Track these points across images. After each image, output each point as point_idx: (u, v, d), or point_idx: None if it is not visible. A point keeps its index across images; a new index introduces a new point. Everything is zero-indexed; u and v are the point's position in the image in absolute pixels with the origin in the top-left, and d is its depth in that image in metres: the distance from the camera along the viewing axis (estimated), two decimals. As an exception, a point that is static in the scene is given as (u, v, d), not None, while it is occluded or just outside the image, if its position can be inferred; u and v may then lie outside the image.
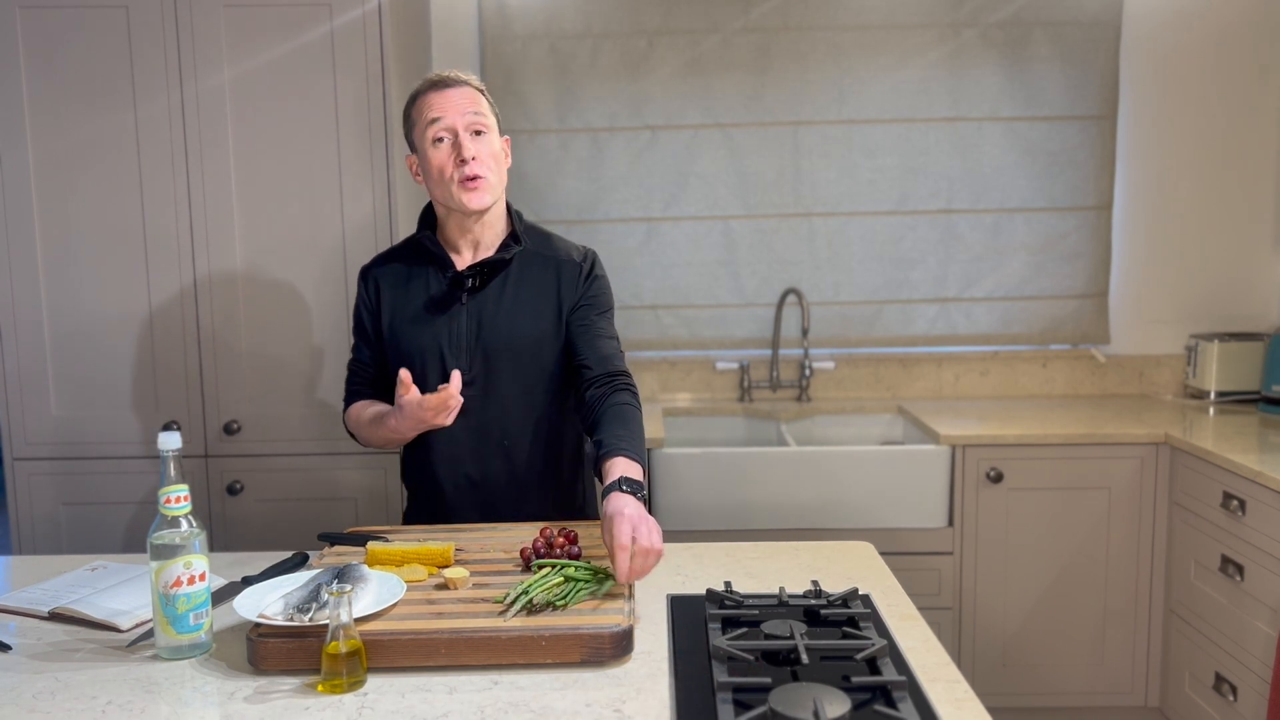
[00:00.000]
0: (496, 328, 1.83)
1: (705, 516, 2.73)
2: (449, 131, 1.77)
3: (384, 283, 1.89)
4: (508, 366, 1.84)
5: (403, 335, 1.86)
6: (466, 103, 1.78)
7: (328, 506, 2.58)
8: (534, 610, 1.37)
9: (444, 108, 1.77)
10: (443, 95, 1.77)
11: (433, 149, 1.78)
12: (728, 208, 3.20)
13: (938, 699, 1.22)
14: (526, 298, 1.85)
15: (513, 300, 1.85)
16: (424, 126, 1.78)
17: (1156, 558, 2.73)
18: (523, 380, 1.86)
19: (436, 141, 1.77)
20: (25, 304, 2.52)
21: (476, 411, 1.84)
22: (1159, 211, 3.22)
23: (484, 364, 1.84)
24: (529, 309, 1.85)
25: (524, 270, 1.87)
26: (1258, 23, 3.14)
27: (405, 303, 1.87)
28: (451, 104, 1.77)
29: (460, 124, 1.76)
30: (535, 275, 1.87)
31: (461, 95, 1.78)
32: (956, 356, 3.27)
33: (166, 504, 1.35)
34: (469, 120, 1.77)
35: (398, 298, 1.88)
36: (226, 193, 2.50)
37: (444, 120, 1.76)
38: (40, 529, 2.57)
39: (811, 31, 3.14)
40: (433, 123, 1.77)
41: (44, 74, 2.45)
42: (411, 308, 1.86)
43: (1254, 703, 2.35)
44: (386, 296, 1.88)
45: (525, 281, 1.86)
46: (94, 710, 1.23)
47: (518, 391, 1.86)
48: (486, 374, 1.84)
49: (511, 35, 3.13)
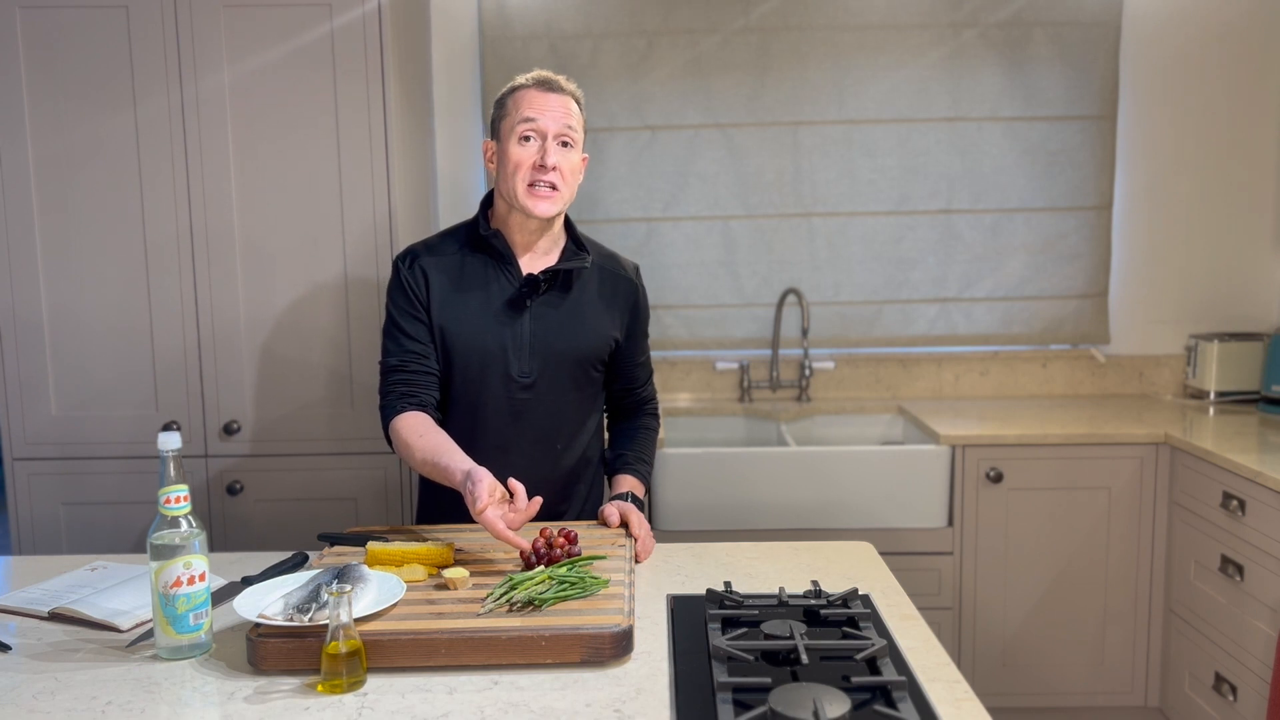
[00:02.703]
0: (561, 335, 1.83)
1: (705, 516, 2.73)
2: (539, 134, 1.76)
3: (433, 272, 1.82)
4: (566, 374, 1.85)
5: (459, 332, 1.80)
6: (563, 112, 1.77)
7: (328, 506, 2.58)
8: (515, 608, 1.38)
9: (543, 109, 1.76)
10: (544, 98, 1.77)
11: (518, 145, 1.76)
12: (728, 208, 3.20)
13: (938, 699, 1.22)
14: (590, 309, 1.86)
15: (577, 309, 1.85)
16: (516, 120, 1.76)
17: (1156, 558, 2.73)
18: (579, 388, 1.88)
19: (524, 139, 1.76)
20: (25, 304, 2.52)
21: (530, 415, 1.84)
22: (1159, 211, 3.22)
23: (543, 369, 1.83)
24: (591, 320, 1.86)
25: (587, 280, 1.87)
26: (1258, 23, 3.14)
27: (459, 297, 1.82)
28: (550, 109, 1.76)
29: (552, 130, 1.76)
30: (598, 288, 1.88)
31: (561, 103, 1.78)
32: (956, 356, 3.27)
33: (166, 504, 1.35)
34: (560, 129, 1.77)
35: (448, 291, 1.82)
36: (226, 193, 2.50)
37: (539, 121, 1.75)
38: (40, 529, 2.57)
39: (811, 31, 3.14)
40: (527, 120, 1.75)
41: (44, 74, 2.45)
42: (470, 304, 1.81)
43: (1254, 703, 2.35)
44: (437, 287, 1.81)
45: (588, 292, 1.87)
46: (94, 710, 1.23)
47: (574, 399, 1.88)
48: (545, 379, 1.84)
49: (511, 35, 3.13)
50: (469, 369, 1.81)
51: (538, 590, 1.41)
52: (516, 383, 1.82)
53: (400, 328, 1.81)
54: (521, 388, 1.82)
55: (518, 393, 1.82)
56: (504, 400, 1.82)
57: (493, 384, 1.81)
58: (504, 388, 1.82)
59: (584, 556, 1.54)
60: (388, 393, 1.81)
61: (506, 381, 1.82)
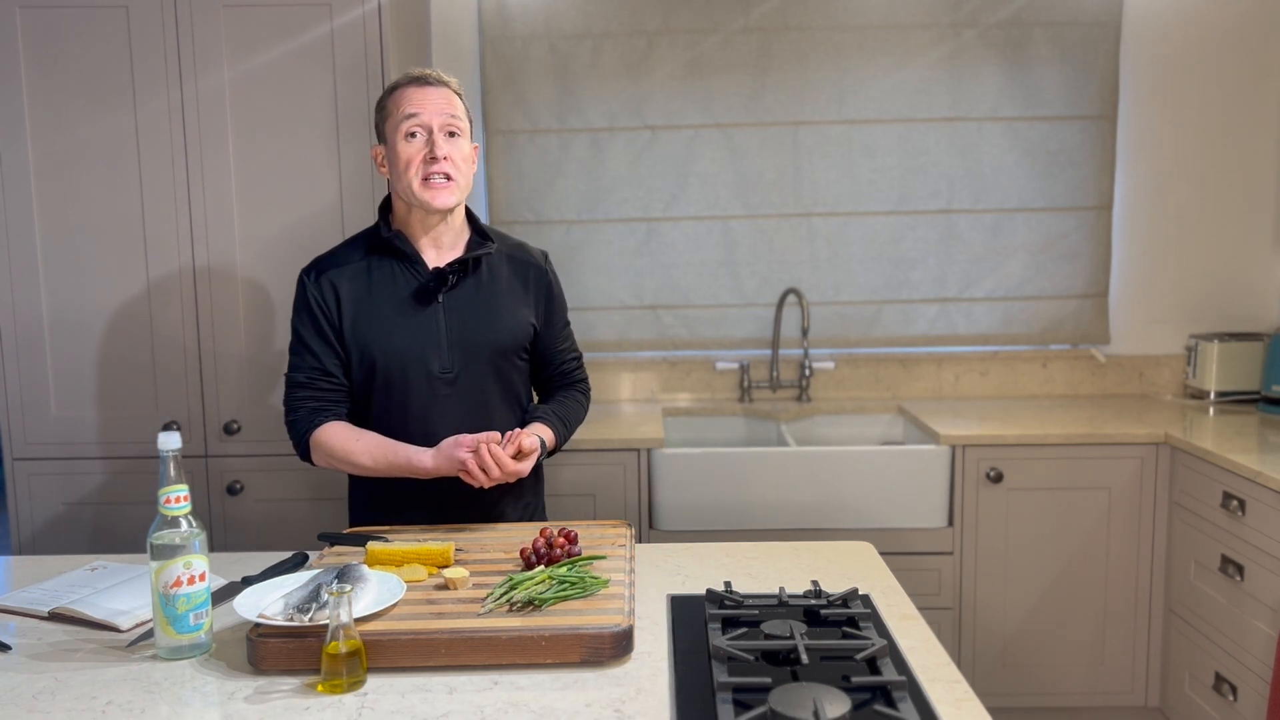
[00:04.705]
0: (477, 325, 1.84)
1: (705, 516, 2.73)
2: (424, 128, 1.78)
3: (341, 284, 1.83)
4: (488, 365, 1.86)
5: (373, 337, 1.81)
6: (444, 103, 1.79)
7: (328, 506, 2.58)
8: (515, 608, 1.38)
9: (422, 104, 1.78)
10: (423, 92, 1.79)
11: (404, 143, 1.78)
12: (728, 208, 3.20)
13: (938, 699, 1.22)
14: (503, 296, 1.87)
15: (490, 298, 1.86)
16: (399, 120, 1.78)
17: (1156, 558, 2.73)
18: (501, 379, 1.88)
19: (410, 136, 1.78)
20: (25, 304, 2.52)
21: (458, 409, 1.84)
22: (1159, 211, 3.22)
23: (465, 362, 1.84)
24: (506, 307, 1.87)
25: (496, 269, 1.89)
26: (1258, 23, 3.14)
27: (371, 304, 1.82)
28: (430, 102, 1.78)
29: (436, 123, 1.78)
30: (508, 274, 1.90)
31: (440, 95, 1.80)
32: (956, 356, 3.27)
33: (166, 504, 1.35)
34: (444, 121, 1.79)
35: (360, 299, 1.82)
36: (226, 192, 2.50)
37: (420, 116, 1.77)
38: (40, 529, 2.57)
39: (811, 31, 3.14)
40: (409, 117, 1.77)
41: (44, 74, 2.45)
42: (381, 309, 1.82)
43: (1254, 703, 2.35)
44: (348, 298, 1.82)
45: (499, 280, 1.88)
46: (94, 710, 1.23)
47: (498, 390, 1.88)
48: (467, 372, 1.84)
49: (511, 35, 3.13)
50: (390, 370, 1.82)
51: (538, 590, 1.41)
52: (439, 379, 1.83)
53: (306, 345, 1.83)
54: (444, 383, 1.83)
55: (441, 388, 1.83)
56: (428, 397, 1.83)
57: (415, 382, 1.82)
58: (427, 385, 1.82)
59: (584, 556, 1.55)
60: (296, 408, 1.84)
61: (429, 379, 1.82)
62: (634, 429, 2.81)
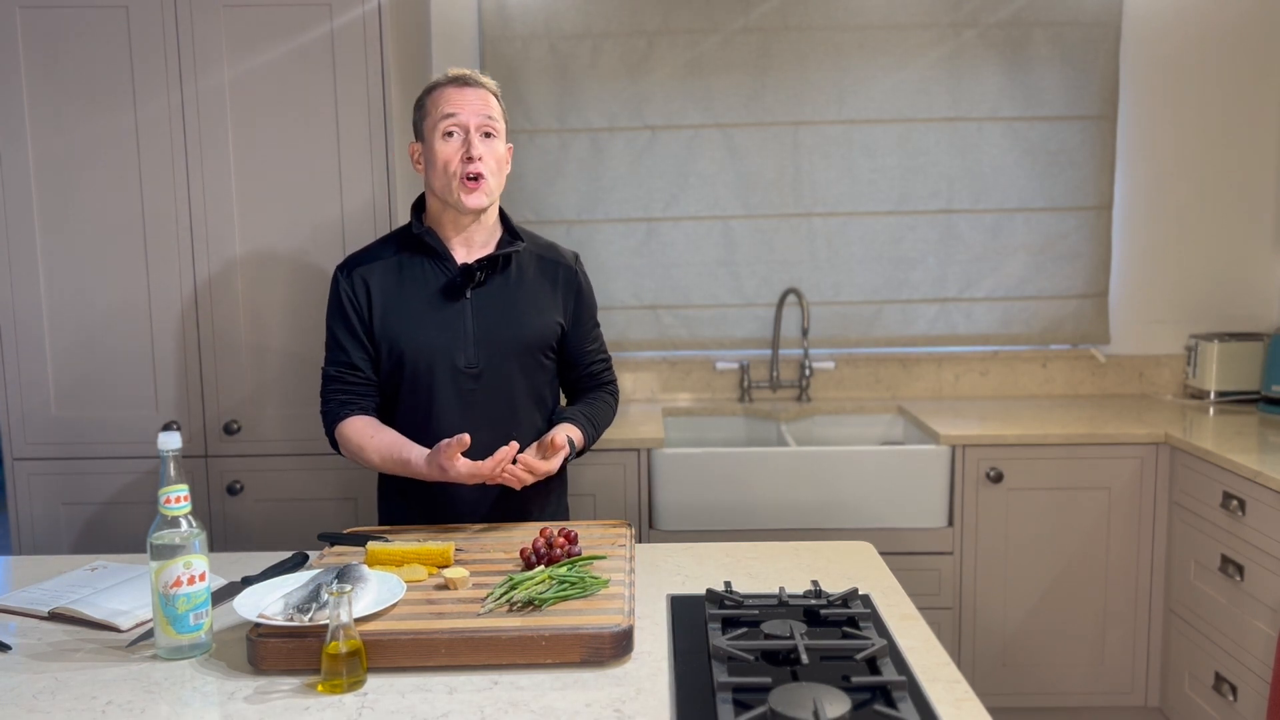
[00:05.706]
0: (505, 322, 1.86)
1: (705, 516, 2.73)
2: (461, 129, 1.80)
3: (373, 280, 1.87)
4: (514, 361, 1.87)
5: (402, 332, 1.84)
6: (482, 105, 1.82)
7: (328, 506, 2.58)
8: (515, 608, 1.38)
9: (461, 104, 1.80)
10: (461, 93, 1.81)
11: (442, 142, 1.80)
12: (728, 208, 3.20)
13: (938, 699, 1.22)
14: (531, 295, 1.89)
15: (518, 296, 1.88)
16: (437, 119, 1.81)
17: (1156, 558, 2.73)
18: (528, 376, 1.89)
19: (447, 135, 1.80)
20: (25, 304, 2.52)
21: (483, 405, 1.86)
22: (1159, 211, 3.22)
23: (490, 359, 1.85)
24: (534, 305, 1.89)
25: (525, 268, 1.90)
26: (1258, 23, 3.14)
27: (400, 299, 1.86)
28: (468, 103, 1.81)
29: (473, 124, 1.80)
30: (537, 274, 1.91)
31: (479, 96, 1.82)
32: (956, 356, 3.27)
33: (166, 504, 1.35)
34: (481, 122, 1.81)
35: (390, 294, 1.86)
36: (226, 192, 2.50)
37: (459, 117, 1.80)
38: (40, 529, 2.57)
39: (811, 32, 3.14)
40: (447, 117, 1.80)
41: (44, 74, 2.45)
42: (410, 304, 1.85)
43: (1254, 703, 2.35)
44: (378, 294, 1.86)
45: (527, 279, 1.90)
46: (94, 710, 1.23)
47: (524, 387, 1.89)
48: (492, 368, 1.85)
49: (511, 35, 3.13)
50: (418, 364, 1.84)
51: (538, 590, 1.41)
52: (464, 374, 1.84)
53: (338, 341, 1.88)
54: (469, 378, 1.85)
55: (466, 383, 1.85)
56: (454, 392, 1.85)
57: (442, 377, 1.84)
58: (452, 380, 1.84)
59: (584, 556, 1.55)
60: (328, 399, 1.90)
61: (454, 373, 1.84)
62: (634, 429, 2.81)
